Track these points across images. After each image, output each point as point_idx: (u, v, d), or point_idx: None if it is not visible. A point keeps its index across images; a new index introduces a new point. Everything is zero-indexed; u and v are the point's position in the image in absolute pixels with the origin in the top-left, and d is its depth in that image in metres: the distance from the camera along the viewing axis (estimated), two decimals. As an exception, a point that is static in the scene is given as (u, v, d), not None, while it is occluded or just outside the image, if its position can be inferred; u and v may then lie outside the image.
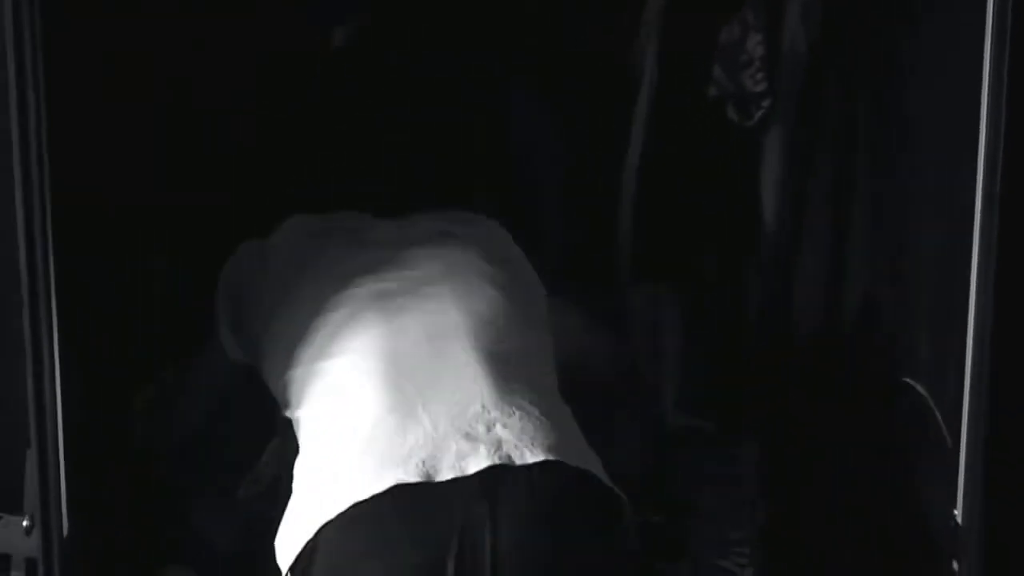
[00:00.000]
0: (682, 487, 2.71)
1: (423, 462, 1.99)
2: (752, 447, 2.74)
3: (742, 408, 2.79)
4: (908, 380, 2.55)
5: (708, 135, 2.77)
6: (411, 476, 1.97)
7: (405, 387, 2.10)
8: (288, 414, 2.22)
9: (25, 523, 2.10)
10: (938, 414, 2.45)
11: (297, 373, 2.19)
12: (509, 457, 2.01)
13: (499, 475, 1.99)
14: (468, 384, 2.11)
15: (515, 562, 1.95)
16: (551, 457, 2.02)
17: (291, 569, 2.00)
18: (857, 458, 2.64)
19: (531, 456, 2.02)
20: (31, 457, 2.08)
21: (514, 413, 2.08)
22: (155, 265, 2.67)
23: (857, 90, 2.71)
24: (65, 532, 2.10)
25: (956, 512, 2.27)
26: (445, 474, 1.98)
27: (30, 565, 2.11)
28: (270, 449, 2.45)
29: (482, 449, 2.01)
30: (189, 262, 2.65)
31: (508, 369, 2.15)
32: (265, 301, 2.32)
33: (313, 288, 2.26)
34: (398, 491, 1.96)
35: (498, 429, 2.05)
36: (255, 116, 2.74)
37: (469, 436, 2.03)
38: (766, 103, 2.70)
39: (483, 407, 2.08)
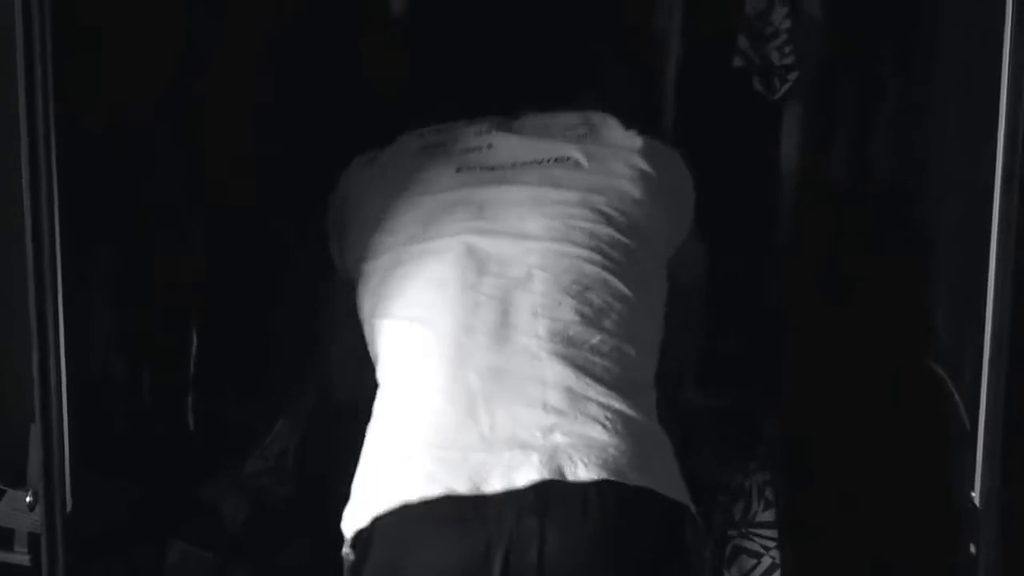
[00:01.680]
0: (706, 466, 2.69)
1: (474, 471, 1.91)
2: (774, 426, 2.71)
3: (765, 387, 2.76)
4: (929, 362, 2.54)
5: (734, 108, 2.75)
6: (460, 487, 1.90)
7: (469, 376, 1.99)
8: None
9: (28, 499, 2.11)
10: (957, 395, 2.43)
11: (382, 323, 2.12)
12: (560, 471, 1.90)
13: (551, 488, 1.89)
14: (533, 381, 1.98)
15: None
16: (606, 476, 1.90)
17: (352, 543, 1.96)
18: (878, 440, 2.63)
19: (584, 473, 1.90)
20: (35, 432, 2.08)
21: (578, 417, 1.95)
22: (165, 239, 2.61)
23: (878, 65, 2.71)
24: (68, 508, 2.11)
25: (974, 495, 2.25)
26: (494, 485, 1.89)
27: (33, 540, 2.12)
28: (277, 429, 2.46)
29: (534, 458, 1.90)
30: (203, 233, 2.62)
31: (586, 363, 2.01)
32: (367, 225, 2.21)
33: (411, 220, 2.16)
34: (447, 498, 1.90)
35: (556, 436, 1.93)
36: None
37: (523, 444, 1.92)
38: (792, 76, 2.68)
39: (544, 408, 1.96)
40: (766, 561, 2.58)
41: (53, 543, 2.10)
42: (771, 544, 2.58)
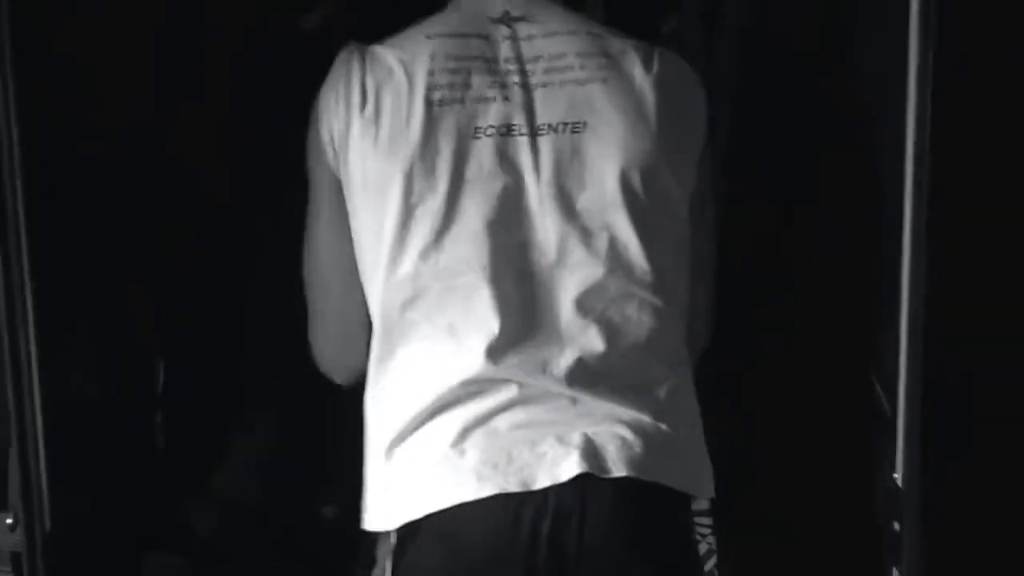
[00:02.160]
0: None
1: (522, 470, 1.97)
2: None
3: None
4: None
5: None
6: (512, 486, 1.96)
7: (500, 397, 2.03)
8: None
9: (9, 520, 2.16)
10: (877, 383, 2.47)
11: (390, 317, 2.08)
12: (599, 467, 1.98)
13: (588, 480, 1.97)
14: (561, 398, 2.05)
15: (597, 568, 1.98)
16: (631, 474, 1.99)
17: (396, 531, 2.01)
18: (805, 428, 2.66)
19: (615, 470, 1.98)
20: (14, 457, 2.13)
21: (606, 423, 2.03)
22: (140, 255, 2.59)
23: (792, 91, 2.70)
24: (47, 527, 2.16)
25: (896, 476, 2.32)
26: (542, 482, 1.97)
27: (15, 558, 2.17)
28: (244, 439, 2.53)
29: (574, 455, 1.98)
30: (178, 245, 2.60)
31: (614, 383, 2.07)
32: (376, 176, 2.10)
33: (430, 198, 2.08)
34: (498, 496, 1.97)
35: (588, 429, 2.01)
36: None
37: (562, 440, 2.00)
38: None
39: (577, 416, 2.03)
40: (703, 547, 2.63)
41: (34, 561, 2.16)
42: (707, 531, 2.64)
